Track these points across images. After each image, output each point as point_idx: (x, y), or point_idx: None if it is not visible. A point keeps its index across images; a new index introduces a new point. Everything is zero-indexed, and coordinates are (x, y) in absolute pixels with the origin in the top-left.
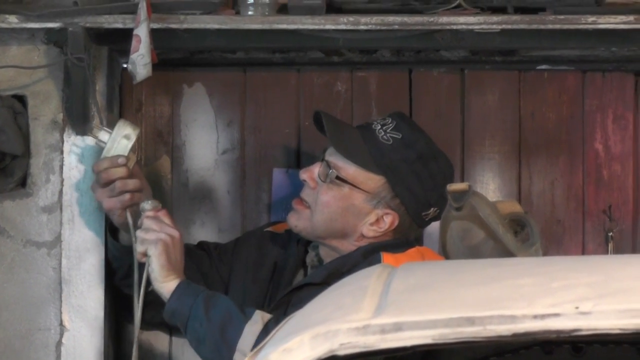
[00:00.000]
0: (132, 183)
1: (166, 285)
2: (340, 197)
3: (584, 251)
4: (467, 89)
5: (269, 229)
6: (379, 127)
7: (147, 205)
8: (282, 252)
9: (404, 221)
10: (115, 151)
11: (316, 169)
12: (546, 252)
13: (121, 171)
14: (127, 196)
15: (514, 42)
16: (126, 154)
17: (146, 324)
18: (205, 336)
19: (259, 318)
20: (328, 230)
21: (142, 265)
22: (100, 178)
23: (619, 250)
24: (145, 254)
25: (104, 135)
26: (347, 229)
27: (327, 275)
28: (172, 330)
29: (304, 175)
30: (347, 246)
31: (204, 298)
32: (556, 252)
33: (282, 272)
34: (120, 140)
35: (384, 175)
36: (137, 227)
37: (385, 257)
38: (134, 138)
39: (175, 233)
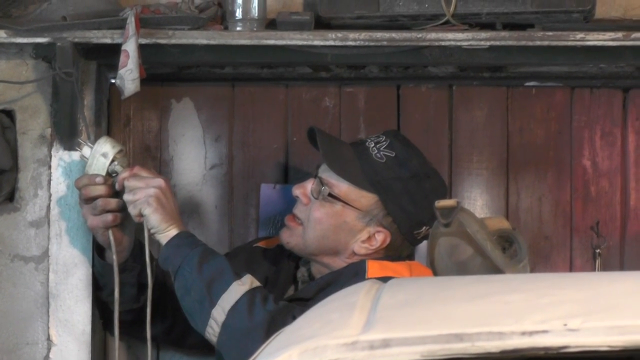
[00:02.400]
0: (114, 202)
1: (167, 234)
2: (332, 214)
3: (571, 267)
4: (455, 104)
5: (259, 244)
6: (373, 144)
7: (117, 168)
8: (273, 267)
9: (396, 239)
10: (94, 168)
11: (309, 185)
12: (533, 269)
13: (100, 189)
14: (109, 217)
15: (503, 58)
16: (104, 172)
17: (135, 339)
18: (192, 286)
19: (249, 281)
20: (320, 247)
21: (123, 286)
22: (80, 194)
23: (606, 266)
24: (140, 215)
25: (86, 151)
26: (338, 246)
27: (318, 291)
28: (159, 345)
29: (296, 191)
30: (339, 263)
31: (201, 251)
32: (543, 268)
33: (273, 288)
34: (99, 157)
35: (376, 194)
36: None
37: (370, 263)
38: (110, 157)
39: (161, 182)
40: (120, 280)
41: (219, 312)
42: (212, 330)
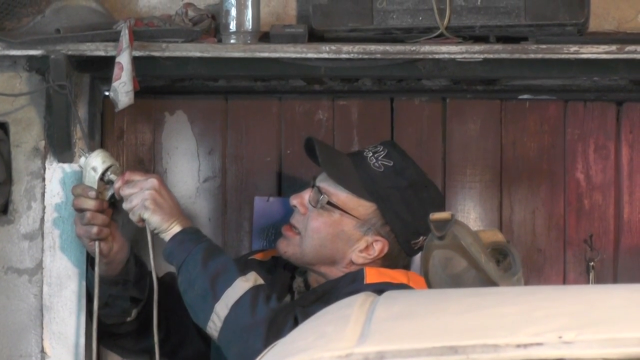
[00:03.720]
0: (101, 218)
1: (171, 232)
2: (330, 223)
3: (564, 280)
4: (449, 117)
5: (254, 257)
6: (371, 154)
7: (112, 177)
8: (269, 278)
9: (393, 249)
10: (87, 180)
11: (307, 195)
12: (527, 282)
13: (90, 203)
14: (94, 229)
15: (496, 72)
16: (95, 185)
17: (128, 352)
18: (196, 280)
19: (252, 278)
20: (317, 256)
21: (115, 299)
22: (72, 202)
23: (600, 279)
24: (141, 220)
25: (82, 161)
26: (336, 255)
27: (315, 299)
28: (152, 356)
29: (294, 201)
30: (336, 273)
31: (206, 247)
32: (537, 281)
33: None
34: (89, 170)
35: (374, 202)
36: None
37: (368, 270)
38: (100, 171)
39: (154, 182)
40: (112, 293)
41: (222, 307)
42: (214, 325)
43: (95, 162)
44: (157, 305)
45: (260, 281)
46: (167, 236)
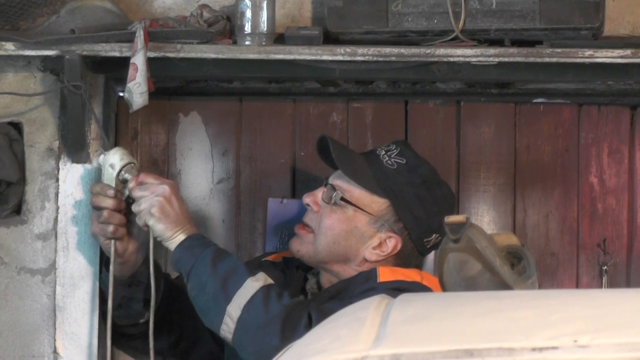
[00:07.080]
0: (118, 217)
1: (174, 241)
2: (344, 219)
3: (577, 284)
4: (463, 120)
5: (267, 258)
6: (383, 152)
7: (127, 176)
8: (282, 279)
9: (406, 246)
10: (105, 178)
11: (319, 193)
12: (540, 285)
13: (108, 202)
14: (110, 228)
15: (511, 75)
16: (113, 183)
17: (140, 353)
18: (207, 284)
19: (262, 277)
20: (331, 254)
21: (128, 300)
22: (91, 200)
23: (613, 283)
24: (146, 225)
25: (101, 158)
26: (350, 252)
27: (328, 299)
28: (165, 359)
29: (307, 199)
30: (349, 271)
31: (214, 250)
32: (550, 284)
33: None
34: (107, 168)
35: (388, 198)
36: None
37: (381, 269)
38: (117, 168)
39: (165, 190)
40: (125, 294)
41: (235, 308)
42: (227, 327)
43: (113, 160)
44: (169, 308)
45: (270, 281)
46: (170, 245)
